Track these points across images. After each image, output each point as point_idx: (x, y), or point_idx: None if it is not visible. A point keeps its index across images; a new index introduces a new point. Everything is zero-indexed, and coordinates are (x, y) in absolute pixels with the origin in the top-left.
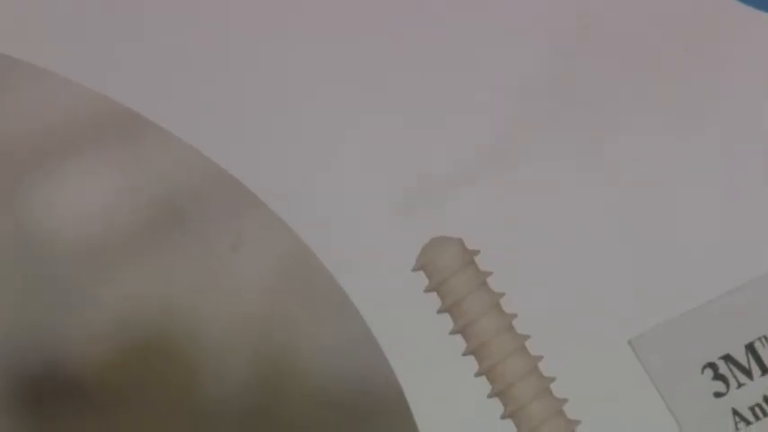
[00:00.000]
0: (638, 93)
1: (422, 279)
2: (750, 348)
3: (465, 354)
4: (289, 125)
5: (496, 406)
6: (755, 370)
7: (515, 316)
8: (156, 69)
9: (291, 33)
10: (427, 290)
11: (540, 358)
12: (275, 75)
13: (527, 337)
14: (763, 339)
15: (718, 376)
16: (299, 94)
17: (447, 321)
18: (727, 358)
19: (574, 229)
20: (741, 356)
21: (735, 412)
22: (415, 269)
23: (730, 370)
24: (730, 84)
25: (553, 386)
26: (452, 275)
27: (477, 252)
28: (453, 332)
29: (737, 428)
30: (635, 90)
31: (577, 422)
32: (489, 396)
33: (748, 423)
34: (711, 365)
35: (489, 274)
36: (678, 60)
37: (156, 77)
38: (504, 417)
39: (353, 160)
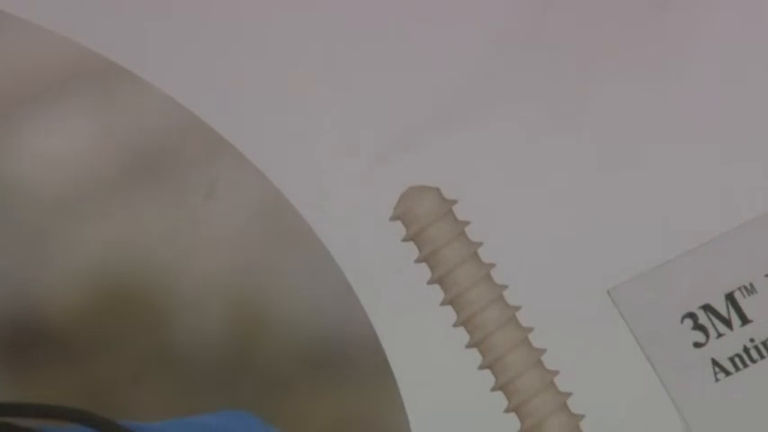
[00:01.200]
0: (613, 42)
1: (399, 228)
2: (730, 298)
3: (443, 304)
4: (264, 74)
5: (474, 356)
6: (735, 320)
7: (493, 266)
8: (131, 17)
9: None
10: (405, 239)
11: (517, 308)
12: (252, 22)
13: (505, 287)
14: (744, 289)
15: (697, 326)
16: (276, 43)
17: (424, 271)
18: (707, 308)
19: (552, 179)
20: (721, 306)
21: (714, 362)
22: (392, 218)
23: (710, 320)
24: (705, 31)
25: (531, 336)
26: (430, 225)
27: (454, 201)
28: (431, 282)
29: (717, 379)
30: (609, 39)
31: (556, 372)
32: (467, 346)
33: (728, 374)
34: (691, 315)
35: (467, 223)
36: (652, 9)
37: (131, 25)
38: (481, 367)
39: (330, 109)
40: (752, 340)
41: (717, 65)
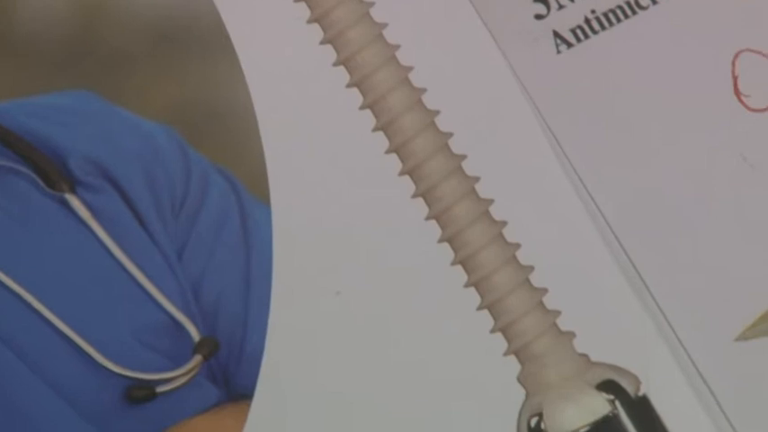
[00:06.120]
0: None
1: None
2: None
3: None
4: None
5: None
6: None
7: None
8: None
9: None
10: None
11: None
12: None
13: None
14: None
15: None
16: None
17: None
18: None
19: None
20: None
21: (556, 34)
22: None
23: None
24: None
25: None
26: None
27: None
28: None
29: (559, 51)
30: None
31: (464, 157)
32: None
33: (570, 45)
34: None
35: None
36: None
37: None
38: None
39: None
40: (593, 11)
41: None
